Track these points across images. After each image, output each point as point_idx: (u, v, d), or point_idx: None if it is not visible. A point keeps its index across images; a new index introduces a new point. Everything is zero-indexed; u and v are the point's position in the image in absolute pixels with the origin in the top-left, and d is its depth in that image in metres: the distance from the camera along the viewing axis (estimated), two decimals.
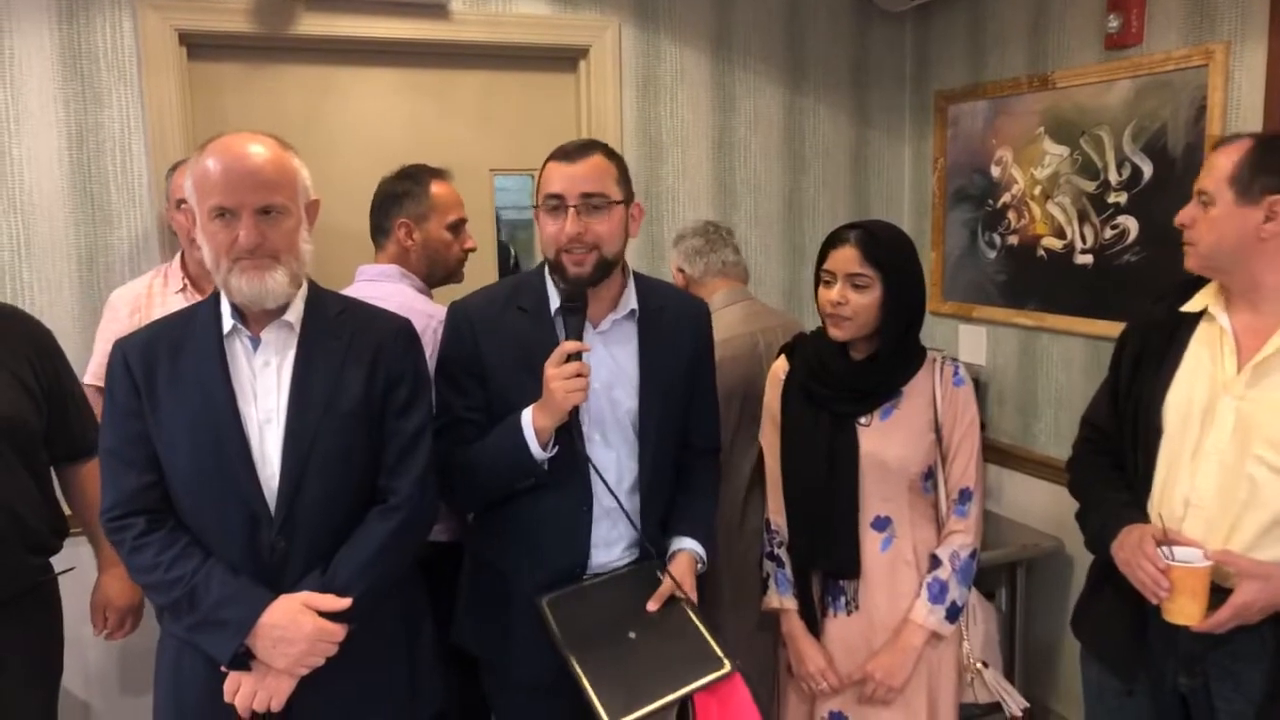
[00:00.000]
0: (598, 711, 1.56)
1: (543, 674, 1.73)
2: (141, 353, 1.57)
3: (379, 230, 2.22)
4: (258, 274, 1.52)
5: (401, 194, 2.21)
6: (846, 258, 1.86)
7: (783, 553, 2.03)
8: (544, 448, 1.66)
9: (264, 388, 1.57)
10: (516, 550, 1.76)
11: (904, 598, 1.91)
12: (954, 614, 1.90)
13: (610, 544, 1.78)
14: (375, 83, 2.84)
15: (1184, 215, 1.68)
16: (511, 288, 1.84)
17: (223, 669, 1.52)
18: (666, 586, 1.74)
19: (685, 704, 1.64)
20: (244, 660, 1.51)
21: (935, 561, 1.91)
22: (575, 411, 1.68)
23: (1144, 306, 1.84)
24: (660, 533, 1.84)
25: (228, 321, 1.57)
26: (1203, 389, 1.65)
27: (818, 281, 1.93)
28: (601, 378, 1.73)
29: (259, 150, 1.53)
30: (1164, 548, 1.59)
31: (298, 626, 1.49)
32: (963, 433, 1.92)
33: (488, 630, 1.81)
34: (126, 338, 1.62)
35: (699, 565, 1.83)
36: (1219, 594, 1.56)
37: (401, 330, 1.69)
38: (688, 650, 1.69)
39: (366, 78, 2.83)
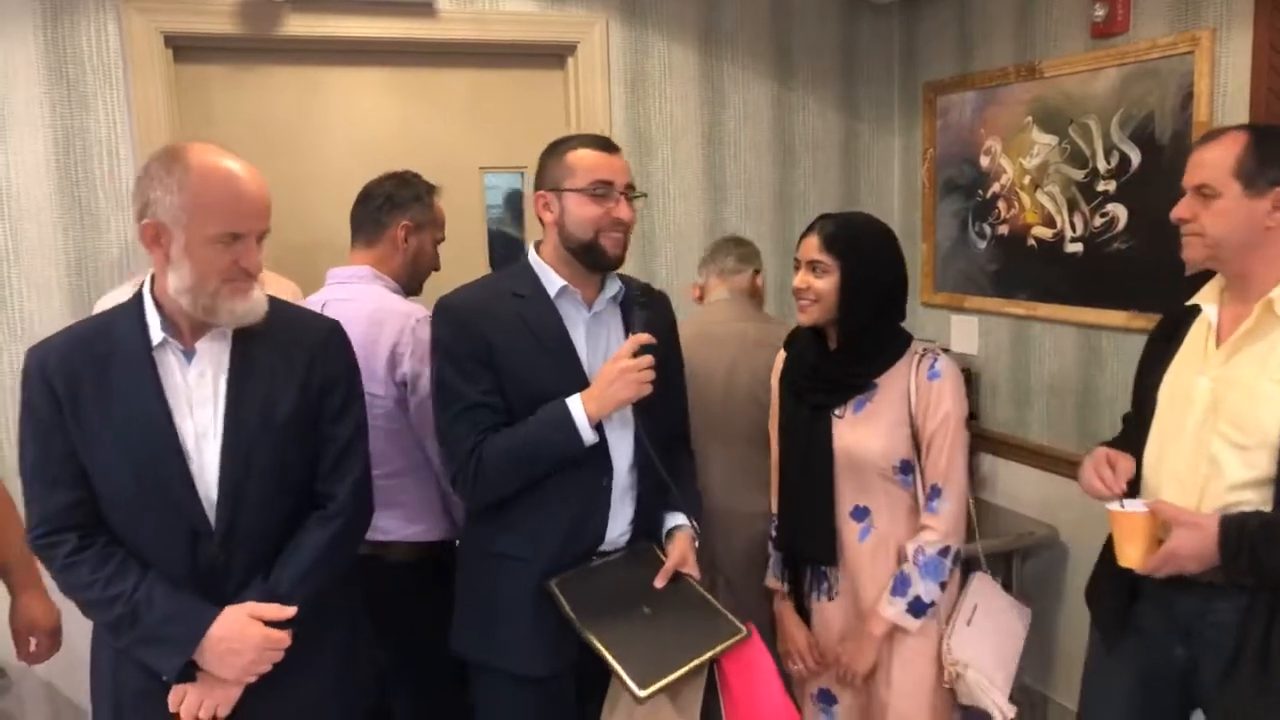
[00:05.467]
0: (626, 683, 1.60)
1: (558, 662, 1.78)
2: (61, 365, 1.52)
3: (374, 224, 2.21)
4: (247, 294, 1.52)
5: (410, 198, 2.21)
6: (809, 245, 1.95)
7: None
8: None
9: (200, 399, 1.55)
10: (535, 535, 1.78)
11: (886, 583, 1.93)
12: (918, 608, 1.89)
13: (616, 519, 1.84)
14: (363, 82, 2.84)
15: (1183, 210, 1.71)
16: (498, 279, 1.89)
17: (165, 678, 1.51)
18: (672, 563, 1.82)
19: (711, 670, 1.72)
20: (189, 672, 1.50)
21: (902, 555, 1.93)
22: (585, 385, 1.77)
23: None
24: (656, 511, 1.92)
25: (157, 334, 1.53)
26: (1188, 373, 1.74)
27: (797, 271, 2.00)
28: (603, 356, 1.82)
29: (255, 174, 1.54)
30: (1117, 501, 1.71)
31: (245, 638, 1.50)
32: (935, 427, 1.91)
33: (497, 628, 1.81)
34: (41, 348, 1.55)
35: (694, 541, 1.90)
36: None
37: (333, 333, 1.68)
38: (703, 619, 1.77)
39: (354, 78, 2.83)
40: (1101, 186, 2.63)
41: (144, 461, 1.51)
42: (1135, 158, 2.53)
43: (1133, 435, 1.84)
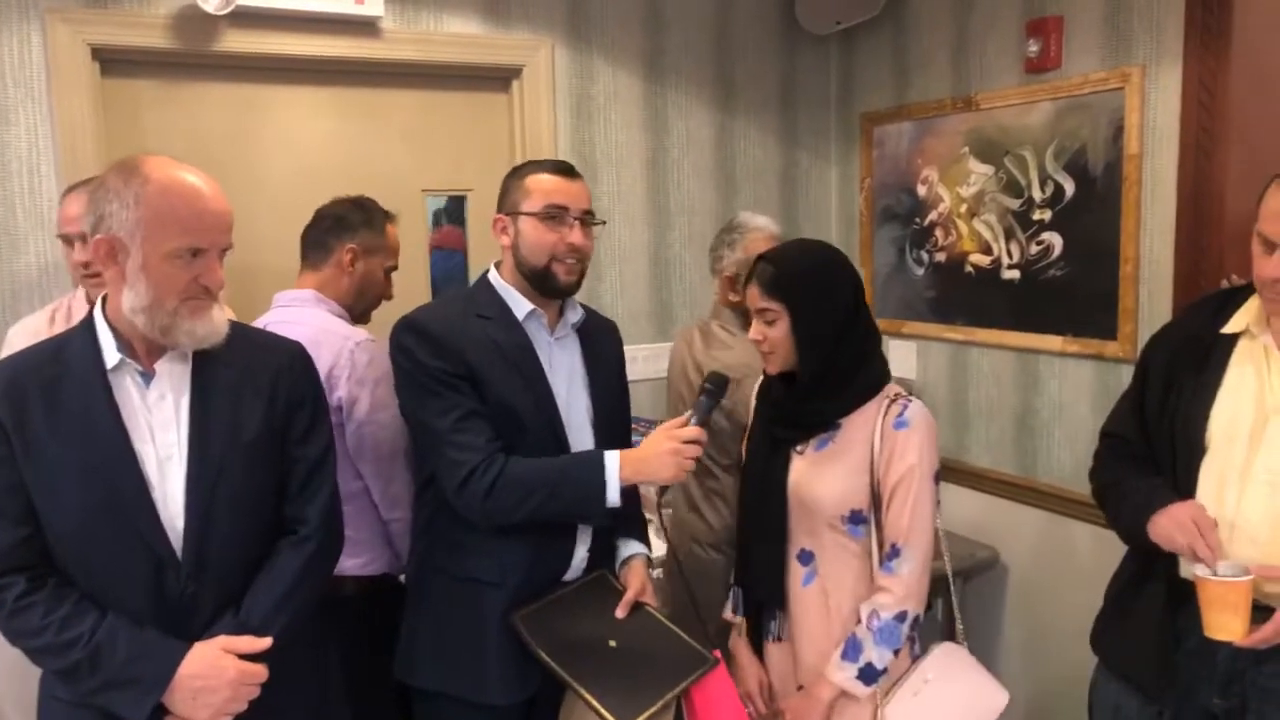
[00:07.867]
0: (606, 719, 1.60)
1: (521, 691, 1.75)
2: (7, 393, 1.43)
3: (319, 247, 2.16)
4: (206, 313, 1.47)
5: (358, 222, 2.16)
6: (753, 295, 1.82)
7: None
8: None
9: (161, 423, 1.47)
10: (503, 559, 1.75)
11: (822, 636, 1.82)
12: (869, 675, 1.74)
13: (579, 546, 1.83)
14: (303, 102, 2.76)
15: (1275, 269, 1.52)
16: (461, 300, 1.85)
17: None
18: (633, 593, 1.82)
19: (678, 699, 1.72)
20: (158, 716, 1.42)
21: (855, 617, 1.79)
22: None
23: (1174, 322, 1.81)
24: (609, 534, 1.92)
25: (112, 356, 1.46)
26: (1248, 408, 1.58)
27: None
28: (565, 379, 1.84)
29: (216, 188, 1.49)
30: (1201, 564, 1.54)
31: (219, 673, 1.42)
32: (897, 480, 1.74)
33: (460, 655, 1.76)
34: None
35: (649, 568, 1.92)
36: (1260, 611, 1.52)
37: (297, 355, 1.65)
38: (670, 650, 1.77)
39: (294, 97, 2.74)
40: (1037, 215, 2.71)
41: (100, 489, 1.42)
42: (1069, 188, 2.62)
43: (1148, 460, 1.68)
